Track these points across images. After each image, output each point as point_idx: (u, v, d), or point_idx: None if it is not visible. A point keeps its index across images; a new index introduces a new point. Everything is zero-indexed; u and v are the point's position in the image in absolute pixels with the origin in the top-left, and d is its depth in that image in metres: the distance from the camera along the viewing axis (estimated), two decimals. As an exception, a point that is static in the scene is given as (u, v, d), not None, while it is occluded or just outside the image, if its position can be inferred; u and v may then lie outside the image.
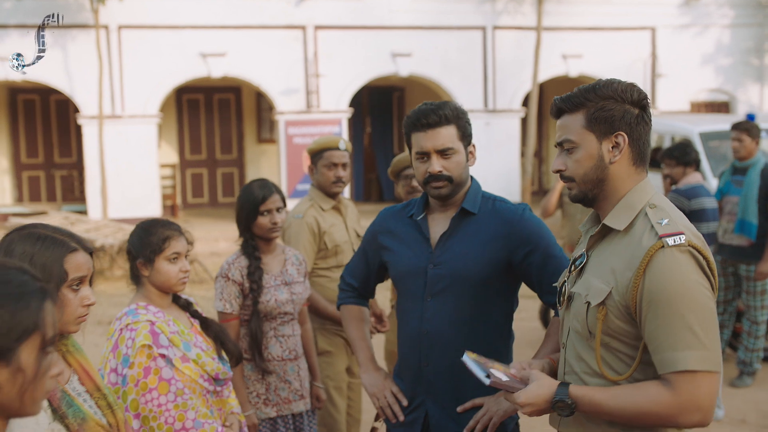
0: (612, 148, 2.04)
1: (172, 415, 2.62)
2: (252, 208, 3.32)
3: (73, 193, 16.86)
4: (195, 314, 2.93)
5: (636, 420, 1.94)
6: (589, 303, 2.00)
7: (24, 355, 1.31)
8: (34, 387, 1.33)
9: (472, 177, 2.68)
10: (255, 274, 3.30)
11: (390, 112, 18.44)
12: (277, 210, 3.35)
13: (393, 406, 2.64)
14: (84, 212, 14.33)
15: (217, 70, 14.61)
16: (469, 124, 2.63)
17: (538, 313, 7.28)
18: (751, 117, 9.56)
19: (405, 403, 2.64)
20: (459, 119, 2.57)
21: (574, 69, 16.43)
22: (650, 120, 2.08)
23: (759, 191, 5.84)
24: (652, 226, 1.95)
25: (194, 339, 2.81)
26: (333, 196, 3.99)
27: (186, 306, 2.92)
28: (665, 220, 1.96)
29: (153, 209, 14.23)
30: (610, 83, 2.06)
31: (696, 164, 5.66)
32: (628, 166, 2.05)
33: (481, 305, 2.55)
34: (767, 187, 5.87)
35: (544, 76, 15.95)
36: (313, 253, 3.88)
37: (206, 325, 2.91)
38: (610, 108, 2.02)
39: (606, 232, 2.06)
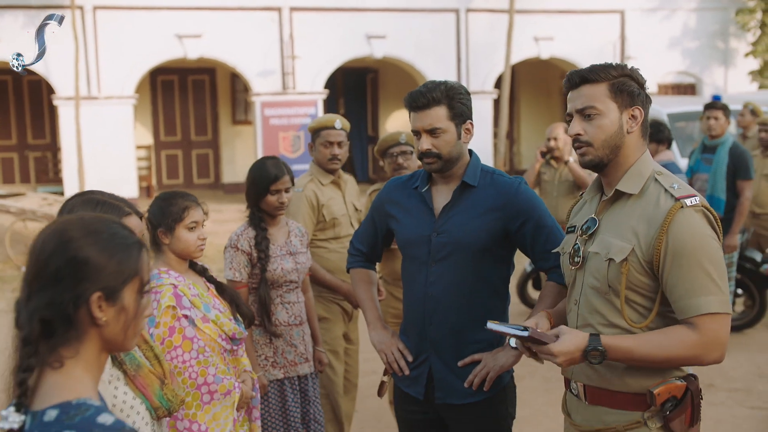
0: (630, 119, 2.27)
1: (195, 371, 2.83)
2: (264, 186, 3.51)
3: (48, 174, 16.83)
4: (210, 279, 3.12)
5: (664, 362, 2.18)
6: (611, 260, 2.22)
7: (127, 296, 1.51)
8: (134, 324, 1.54)
9: (471, 151, 2.87)
10: (262, 244, 3.50)
11: (364, 93, 18.60)
12: (286, 190, 3.55)
13: (399, 361, 2.85)
14: (60, 193, 14.34)
15: (193, 51, 14.66)
16: (464, 103, 2.78)
17: (515, 288, 7.56)
18: (717, 98, 9.92)
19: (410, 358, 2.85)
20: (451, 99, 2.73)
21: (546, 51, 16.72)
22: (650, 100, 2.34)
23: (727, 168, 6.16)
24: (666, 190, 2.20)
25: (212, 301, 3.01)
26: (331, 172, 4.20)
27: (202, 271, 3.12)
28: (676, 185, 2.21)
29: (129, 190, 14.29)
30: (621, 64, 2.30)
31: (668, 142, 5.94)
32: (638, 137, 2.30)
33: (480, 270, 2.77)
34: (735, 165, 6.19)
35: (516, 58, 16.19)
36: (312, 224, 4.08)
37: (221, 289, 3.11)
38: (629, 84, 2.27)
39: (617, 197, 2.30)
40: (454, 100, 2.74)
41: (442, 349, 2.80)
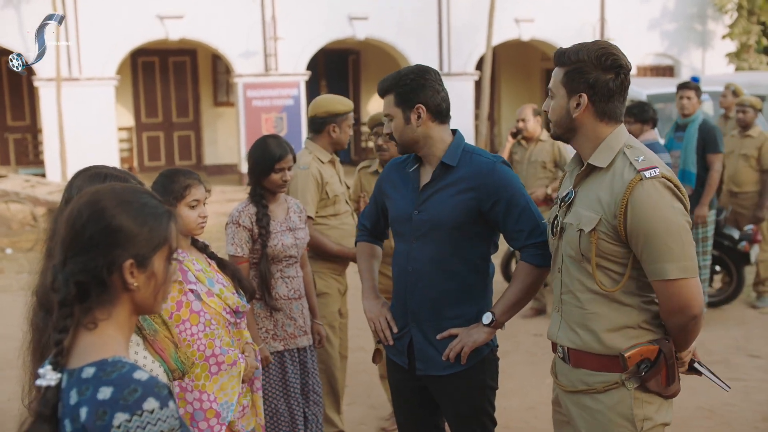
0: (576, 105, 2.38)
1: (203, 343, 2.92)
2: (268, 164, 3.58)
3: (28, 156, 16.72)
4: (212, 255, 3.20)
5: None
6: (582, 230, 2.35)
7: (157, 263, 1.59)
8: (163, 289, 1.62)
9: (456, 131, 2.97)
10: (263, 220, 3.58)
11: (346, 75, 18.61)
12: (288, 168, 3.63)
13: (385, 330, 3.01)
14: (42, 175, 14.26)
15: (175, 32, 14.59)
16: (410, 89, 2.85)
17: (499, 267, 7.70)
18: (695, 80, 10.07)
19: (395, 329, 3.00)
20: (397, 86, 2.88)
21: (526, 33, 16.82)
22: (622, 84, 2.38)
23: (697, 144, 6.37)
24: (631, 163, 2.31)
25: (215, 276, 3.09)
26: (336, 152, 4.32)
27: (203, 248, 3.20)
28: (641, 158, 2.32)
29: (112, 172, 14.22)
30: (594, 48, 2.37)
31: (653, 122, 6.07)
32: (593, 120, 2.39)
33: (458, 247, 2.88)
34: (704, 140, 6.42)
35: (497, 39, 16.26)
36: (317, 202, 4.18)
37: (222, 264, 3.19)
38: (583, 71, 2.35)
39: (590, 170, 2.42)
40: (399, 86, 2.88)
41: (421, 322, 2.93)
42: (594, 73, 2.35)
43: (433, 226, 2.87)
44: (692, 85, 6.54)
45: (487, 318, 2.86)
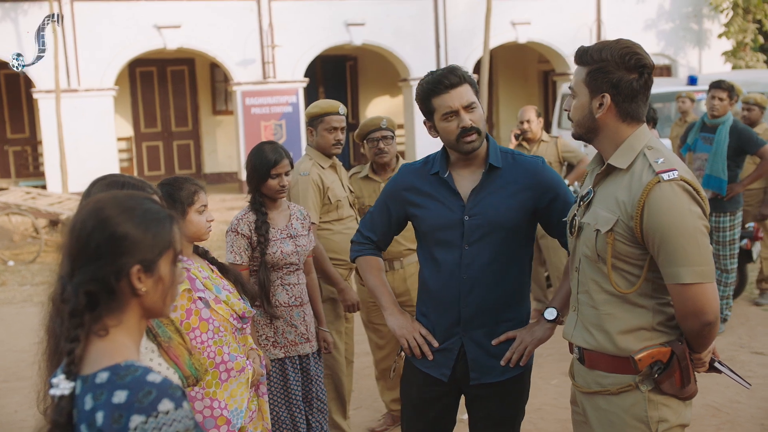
0: (599, 105, 2.35)
1: (213, 351, 2.93)
2: (264, 170, 3.58)
3: (28, 168, 16.75)
4: (213, 261, 3.21)
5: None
6: (598, 231, 2.33)
7: (162, 266, 1.61)
8: (171, 292, 1.64)
9: (487, 134, 2.90)
10: (262, 228, 3.58)
11: (343, 81, 18.65)
12: (286, 173, 3.64)
13: (423, 346, 2.88)
14: (43, 187, 14.29)
15: (173, 42, 14.63)
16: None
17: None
18: (693, 79, 10.06)
19: (435, 344, 2.86)
20: (471, 78, 2.82)
21: (523, 35, 16.85)
22: (646, 84, 2.34)
23: (730, 148, 6.14)
24: (650, 165, 2.28)
25: (221, 283, 3.10)
26: (331, 156, 4.30)
27: (203, 254, 3.21)
28: (661, 159, 2.29)
29: (112, 182, 14.25)
30: (617, 47, 2.32)
31: (653, 122, 6.01)
32: (615, 121, 2.36)
33: (512, 249, 2.83)
34: (740, 143, 6.19)
35: (494, 42, 16.30)
36: (319, 207, 4.18)
37: (224, 270, 3.20)
38: (606, 70, 2.32)
39: (610, 170, 2.40)
40: (472, 78, 2.83)
41: (475, 329, 2.84)
42: (617, 72, 2.30)
43: (490, 230, 2.79)
44: (725, 85, 6.20)
45: (551, 314, 2.81)
